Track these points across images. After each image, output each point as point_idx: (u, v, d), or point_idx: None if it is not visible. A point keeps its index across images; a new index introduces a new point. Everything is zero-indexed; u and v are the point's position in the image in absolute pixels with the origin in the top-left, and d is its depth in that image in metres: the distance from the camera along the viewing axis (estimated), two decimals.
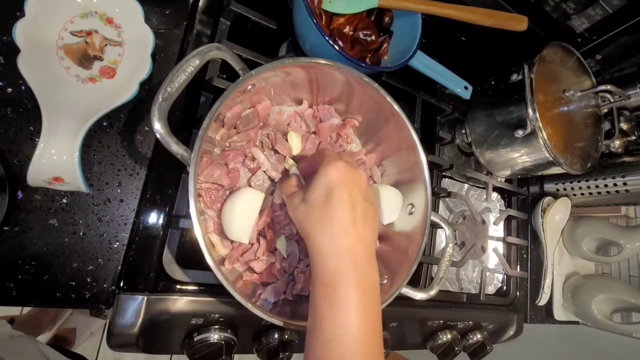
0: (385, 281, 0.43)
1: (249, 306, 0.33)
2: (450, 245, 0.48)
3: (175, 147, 0.31)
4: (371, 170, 0.50)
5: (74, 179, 0.35)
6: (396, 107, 0.44)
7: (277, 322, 0.35)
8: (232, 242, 0.40)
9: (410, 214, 0.46)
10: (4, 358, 0.53)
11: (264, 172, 0.42)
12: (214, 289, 0.42)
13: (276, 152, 0.43)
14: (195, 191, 0.31)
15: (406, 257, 0.42)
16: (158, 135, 0.31)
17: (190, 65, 0.33)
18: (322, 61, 0.39)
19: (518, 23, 0.49)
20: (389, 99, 0.43)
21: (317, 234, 0.30)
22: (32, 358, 0.56)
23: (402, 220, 0.47)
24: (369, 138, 0.50)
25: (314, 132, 0.47)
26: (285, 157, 0.43)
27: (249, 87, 0.37)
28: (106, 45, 0.39)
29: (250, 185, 0.41)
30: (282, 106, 0.46)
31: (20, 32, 0.33)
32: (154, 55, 0.40)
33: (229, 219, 0.38)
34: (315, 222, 0.31)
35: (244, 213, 0.38)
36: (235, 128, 0.41)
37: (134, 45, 0.39)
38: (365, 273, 0.30)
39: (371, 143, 0.51)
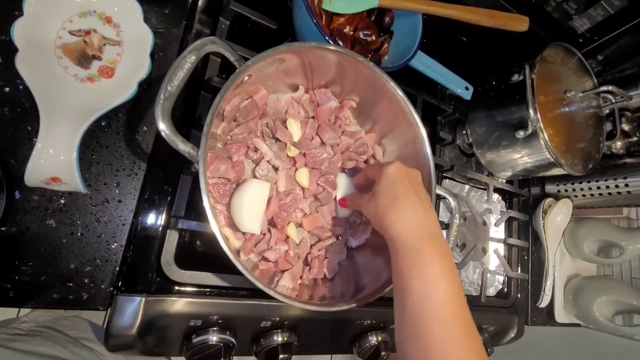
0: None
1: (271, 292, 0.34)
2: (457, 216, 0.48)
3: (182, 146, 0.31)
4: (373, 149, 0.50)
5: (71, 179, 0.35)
6: (387, 77, 0.43)
7: (299, 305, 0.36)
8: (244, 233, 0.40)
9: None
10: (61, 330, 0.55)
11: (268, 161, 0.42)
12: (213, 290, 0.42)
13: (277, 140, 0.43)
14: (206, 187, 0.31)
15: None
16: (164, 135, 0.30)
17: (187, 61, 0.32)
18: (314, 43, 0.39)
19: (519, 23, 0.49)
20: (378, 70, 0.42)
21: (390, 215, 0.34)
22: (85, 332, 0.58)
23: None
24: (367, 117, 0.50)
25: (313, 117, 0.47)
26: (286, 144, 0.44)
27: (246, 78, 0.37)
28: (105, 44, 0.39)
29: (255, 176, 0.41)
30: (279, 94, 0.46)
31: (19, 31, 0.33)
32: (153, 55, 0.40)
33: (238, 212, 0.38)
34: (386, 207, 0.35)
35: (253, 204, 0.38)
36: (235, 121, 0.41)
37: (133, 44, 0.39)
38: (439, 240, 0.33)
39: (369, 122, 0.50)
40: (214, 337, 0.40)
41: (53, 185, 0.35)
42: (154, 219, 0.41)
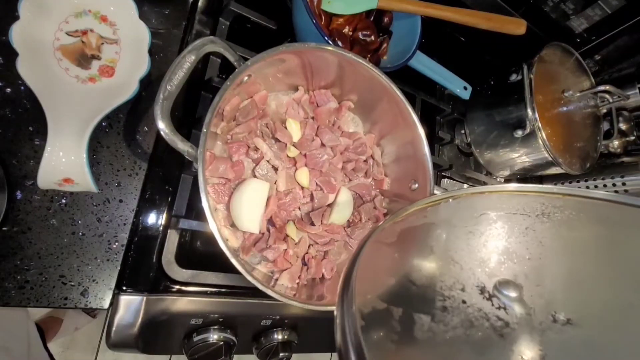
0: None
1: (269, 292, 0.34)
2: None
3: (181, 145, 0.31)
4: (372, 150, 0.50)
5: (83, 179, 0.35)
6: (385, 78, 0.43)
7: (296, 304, 0.36)
8: (243, 233, 0.40)
9: (413, 190, 0.47)
10: None
11: (267, 161, 0.42)
12: (214, 289, 0.42)
13: (277, 140, 0.44)
14: (205, 186, 0.31)
15: None
16: (163, 134, 0.31)
17: (187, 61, 0.33)
18: (313, 44, 0.39)
19: (516, 27, 0.49)
20: (377, 71, 0.43)
21: None
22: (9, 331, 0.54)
23: (405, 197, 0.48)
24: (366, 118, 0.51)
25: (312, 117, 0.47)
26: (286, 144, 0.44)
27: (245, 78, 0.37)
28: (103, 43, 0.39)
29: (255, 176, 0.42)
30: (279, 94, 0.46)
31: (17, 34, 0.33)
32: (153, 55, 0.40)
33: (238, 211, 0.38)
34: None
35: (252, 204, 0.39)
36: (234, 120, 0.42)
37: (131, 42, 0.39)
38: None
39: (368, 123, 0.51)
40: (214, 336, 0.41)
41: (65, 187, 0.36)
42: (154, 219, 0.41)
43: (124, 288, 0.39)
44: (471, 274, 0.25)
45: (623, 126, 0.71)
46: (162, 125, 0.30)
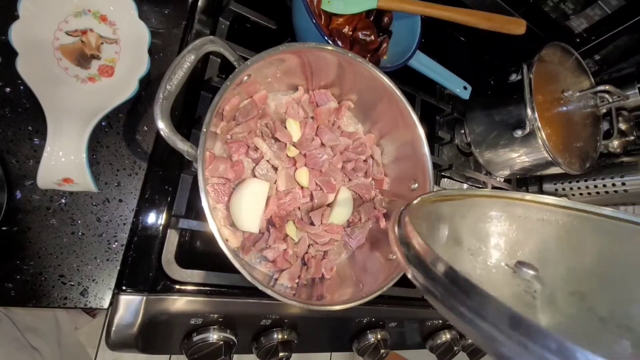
0: (394, 257, 0.43)
1: (269, 291, 0.33)
2: None
3: (181, 145, 0.31)
4: (371, 150, 0.50)
5: (83, 179, 0.35)
6: (385, 77, 0.43)
7: (296, 304, 0.36)
8: (243, 233, 0.40)
9: (413, 189, 0.47)
10: (12, 318, 0.51)
11: (267, 161, 0.42)
12: (214, 289, 0.42)
13: (277, 140, 0.44)
14: (205, 186, 0.31)
15: None
16: (163, 134, 0.31)
17: (187, 60, 0.33)
18: (313, 43, 0.39)
19: (516, 27, 0.49)
20: (376, 71, 0.43)
21: None
22: (39, 323, 0.54)
23: (405, 197, 0.48)
24: (366, 118, 0.51)
25: (312, 117, 0.47)
26: (286, 144, 0.44)
27: (245, 77, 0.37)
28: (102, 43, 0.39)
29: (254, 176, 0.42)
30: (279, 94, 0.46)
31: (16, 34, 0.33)
32: (153, 55, 0.40)
33: (237, 211, 0.38)
34: None
35: (252, 204, 0.39)
36: (234, 120, 0.42)
37: (130, 41, 0.39)
38: None
39: (368, 122, 0.51)
40: (214, 336, 0.41)
41: (65, 187, 0.36)
42: (154, 218, 0.41)
43: (124, 288, 0.39)
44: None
45: (623, 126, 0.71)
46: (162, 125, 0.31)
